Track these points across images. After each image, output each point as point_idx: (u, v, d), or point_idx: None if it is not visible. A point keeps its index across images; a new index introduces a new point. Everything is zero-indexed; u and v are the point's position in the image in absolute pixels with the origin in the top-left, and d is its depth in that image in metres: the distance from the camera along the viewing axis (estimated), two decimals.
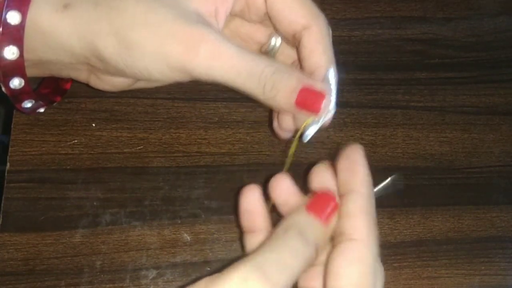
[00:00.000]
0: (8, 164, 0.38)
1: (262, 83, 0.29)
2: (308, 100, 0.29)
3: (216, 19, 0.31)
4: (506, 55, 0.46)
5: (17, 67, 0.30)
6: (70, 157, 0.39)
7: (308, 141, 0.30)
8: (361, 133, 0.42)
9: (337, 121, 0.42)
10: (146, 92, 0.40)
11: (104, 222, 0.37)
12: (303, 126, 0.30)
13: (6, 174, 0.38)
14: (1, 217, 0.37)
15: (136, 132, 0.40)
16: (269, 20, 0.33)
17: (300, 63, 0.33)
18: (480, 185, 0.42)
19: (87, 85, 0.35)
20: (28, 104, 0.34)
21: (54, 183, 0.38)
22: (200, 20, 0.30)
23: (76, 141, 0.39)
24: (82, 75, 0.34)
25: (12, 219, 0.37)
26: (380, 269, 0.26)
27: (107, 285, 0.36)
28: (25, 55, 0.30)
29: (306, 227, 0.26)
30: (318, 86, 0.29)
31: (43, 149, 0.39)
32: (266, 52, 0.35)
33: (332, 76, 0.31)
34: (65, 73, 0.34)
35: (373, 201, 0.27)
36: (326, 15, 0.32)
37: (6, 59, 0.30)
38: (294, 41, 0.32)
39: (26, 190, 0.37)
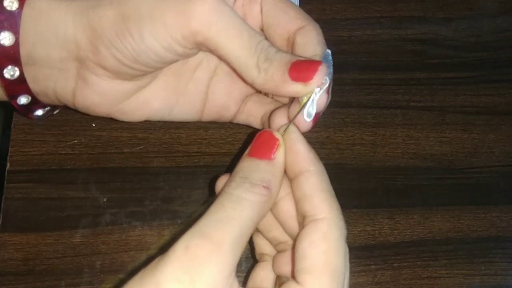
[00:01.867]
0: (8, 164, 0.38)
1: (258, 52, 0.29)
2: (303, 69, 0.28)
3: None
4: (506, 55, 0.46)
5: (12, 55, 0.30)
6: (70, 157, 0.39)
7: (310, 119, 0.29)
8: (361, 133, 0.42)
9: (337, 121, 0.42)
10: None
11: (104, 222, 0.37)
12: (302, 103, 0.29)
13: (6, 174, 0.38)
14: (1, 217, 0.37)
15: (136, 132, 0.40)
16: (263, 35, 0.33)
17: None
18: (480, 185, 0.42)
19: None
20: (23, 100, 0.33)
21: (54, 183, 0.38)
22: None
23: (76, 141, 0.39)
24: (69, 84, 0.32)
25: (12, 219, 0.37)
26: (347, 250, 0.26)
27: (107, 285, 0.36)
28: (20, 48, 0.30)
29: (250, 171, 0.25)
30: (314, 59, 0.29)
31: (43, 149, 0.39)
32: None
33: (329, 60, 0.30)
34: (51, 82, 0.32)
35: (326, 177, 0.27)
36: (326, 15, 0.32)
37: (3, 46, 0.30)
38: (288, 45, 0.32)
39: (26, 190, 0.37)
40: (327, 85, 0.29)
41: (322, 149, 0.41)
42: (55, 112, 0.37)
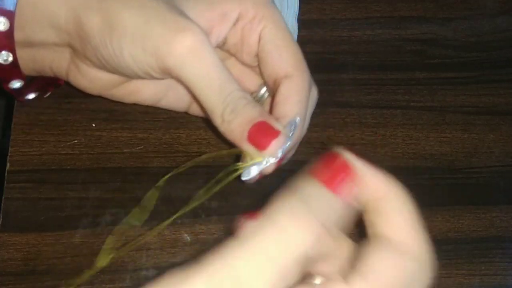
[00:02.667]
0: (8, 164, 0.38)
1: (226, 102, 0.28)
2: (260, 134, 0.27)
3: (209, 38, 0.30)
4: (506, 55, 0.46)
5: (6, 40, 0.30)
6: (70, 157, 0.39)
7: (245, 181, 0.29)
8: (361, 133, 0.42)
9: (337, 121, 0.42)
10: None
11: (104, 222, 0.37)
12: (252, 160, 0.28)
13: (6, 174, 0.38)
14: (1, 217, 0.36)
15: (136, 132, 0.40)
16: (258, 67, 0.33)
17: (270, 110, 0.32)
18: (480, 185, 0.42)
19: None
20: (16, 84, 0.34)
21: (54, 183, 0.38)
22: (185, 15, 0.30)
23: (76, 141, 0.39)
24: (63, 65, 0.33)
25: (12, 219, 0.37)
26: None
27: (107, 285, 0.36)
28: (15, 33, 0.30)
29: (310, 194, 0.21)
30: (277, 125, 0.28)
31: (43, 149, 0.39)
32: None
33: (296, 125, 0.29)
34: (48, 62, 0.33)
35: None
36: (326, 15, 0.32)
37: None
38: (273, 88, 0.32)
39: (26, 190, 0.37)
40: (279, 158, 0.28)
41: (322, 149, 0.41)
42: (31, 96, 0.37)
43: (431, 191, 0.41)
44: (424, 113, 0.43)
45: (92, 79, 0.33)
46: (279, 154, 0.27)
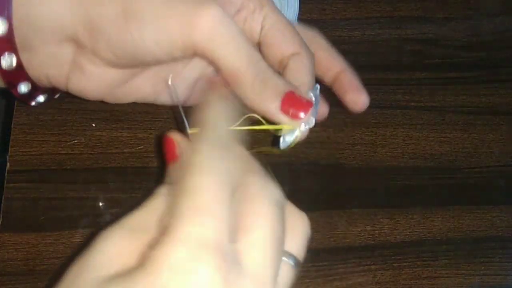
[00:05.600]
0: (8, 164, 0.38)
1: (255, 72, 0.29)
2: (294, 105, 0.29)
3: None
4: (506, 55, 0.46)
5: (6, 42, 0.30)
6: (70, 157, 0.39)
7: (284, 149, 0.30)
8: (361, 133, 0.42)
9: (337, 121, 0.42)
10: None
11: (104, 222, 0.37)
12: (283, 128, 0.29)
13: (6, 174, 0.38)
14: (1, 217, 0.36)
15: (136, 132, 0.40)
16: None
17: None
18: (480, 185, 0.42)
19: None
20: (24, 88, 0.33)
21: (54, 183, 0.38)
22: None
23: (76, 141, 0.39)
24: (63, 69, 0.32)
25: (12, 219, 0.37)
26: None
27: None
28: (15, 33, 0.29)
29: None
30: (305, 95, 0.30)
31: (43, 149, 0.39)
32: None
33: (316, 94, 0.31)
34: (45, 68, 0.32)
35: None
36: (326, 15, 0.32)
37: None
38: (280, 67, 0.33)
39: (26, 190, 0.37)
40: (312, 125, 0.29)
41: (322, 149, 0.41)
42: (42, 99, 0.36)
43: (431, 191, 0.41)
44: (424, 113, 0.43)
45: (97, 80, 0.33)
46: (313, 122, 0.29)
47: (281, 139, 0.29)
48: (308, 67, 0.32)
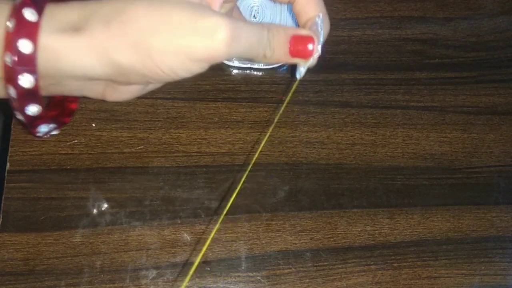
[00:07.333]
0: (8, 164, 0.38)
1: (264, 46, 0.32)
2: (300, 48, 0.32)
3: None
4: (506, 55, 0.46)
5: (33, 95, 0.30)
6: (70, 157, 0.39)
7: (301, 78, 0.33)
8: (361, 133, 0.42)
9: (337, 121, 0.42)
10: None
11: (104, 222, 0.37)
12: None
13: (6, 174, 0.38)
14: (1, 217, 0.37)
15: (136, 132, 0.40)
16: None
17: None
18: (480, 185, 0.42)
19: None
20: (44, 129, 0.34)
21: (54, 183, 0.38)
22: (204, 5, 0.31)
23: (76, 141, 0.39)
24: (97, 91, 0.34)
25: (12, 219, 0.37)
26: None
27: (107, 285, 0.36)
28: (41, 82, 0.30)
29: None
30: (303, 32, 0.33)
31: (43, 149, 0.39)
32: None
33: (321, 21, 0.34)
34: (78, 93, 0.33)
35: None
36: None
37: (22, 88, 0.30)
38: (288, 2, 0.36)
39: (26, 190, 0.37)
40: (320, 53, 0.33)
41: (322, 149, 0.41)
42: (55, 132, 0.36)
43: (431, 191, 0.41)
44: (424, 113, 0.43)
45: (129, 92, 0.34)
46: (320, 50, 0.33)
47: (297, 70, 0.33)
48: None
